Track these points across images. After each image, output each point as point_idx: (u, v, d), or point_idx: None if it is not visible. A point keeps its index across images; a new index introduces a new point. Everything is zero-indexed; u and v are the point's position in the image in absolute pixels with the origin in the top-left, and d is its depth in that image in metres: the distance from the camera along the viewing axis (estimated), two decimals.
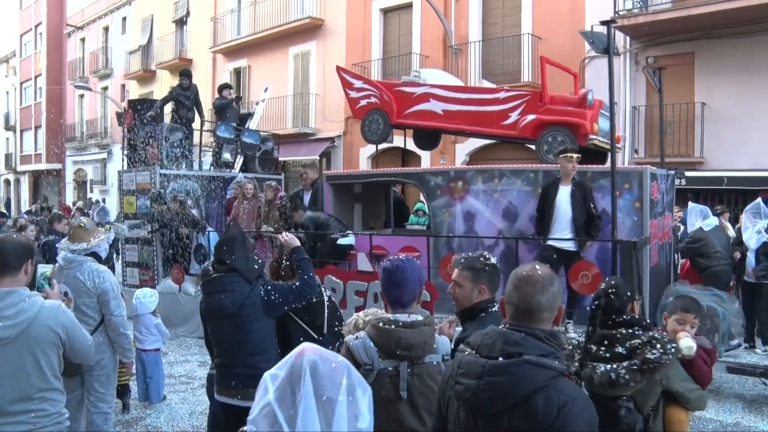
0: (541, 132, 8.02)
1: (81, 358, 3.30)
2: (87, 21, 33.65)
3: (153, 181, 10.35)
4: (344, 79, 10.40)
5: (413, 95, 9.29)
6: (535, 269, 2.11)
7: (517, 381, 1.94)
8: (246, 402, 3.81)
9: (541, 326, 2.05)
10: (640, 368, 2.79)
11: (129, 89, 30.12)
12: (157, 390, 6.49)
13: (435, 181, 7.93)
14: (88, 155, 33.50)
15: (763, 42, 11.42)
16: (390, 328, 2.69)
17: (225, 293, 3.80)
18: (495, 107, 8.52)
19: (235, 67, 23.09)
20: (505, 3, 15.56)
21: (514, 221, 7.34)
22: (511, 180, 7.37)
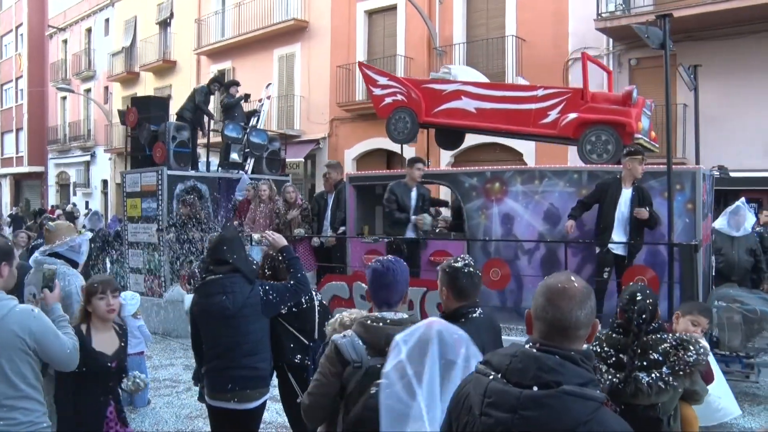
0: (584, 131, 7.67)
1: (58, 364, 3.23)
2: (69, 22, 33.37)
3: (160, 182, 9.93)
4: (367, 75, 9.94)
5: (443, 92, 8.89)
6: (572, 281, 1.87)
7: (557, 415, 1.69)
8: (242, 404, 3.78)
9: (575, 345, 1.83)
10: (684, 372, 2.79)
11: (112, 91, 29.91)
12: (142, 394, 6.44)
13: (470, 182, 7.61)
14: (71, 158, 33.24)
15: (744, 44, 11.56)
16: (378, 325, 2.72)
17: (226, 295, 3.77)
18: (532, 105, 8.15)
19: (220, 69, 22.97)
20: (489, 5, 15.63)
21: (556, 224, 7.05)
22: (553, 181, 7.10)
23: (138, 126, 10.63)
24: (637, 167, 6.33)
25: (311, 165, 19.29)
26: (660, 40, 6.07)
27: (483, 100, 8.52)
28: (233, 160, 11.24)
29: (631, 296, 3.07)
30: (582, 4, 13.49)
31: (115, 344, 3.73)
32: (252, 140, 11.38)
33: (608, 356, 2.98)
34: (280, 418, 5.73)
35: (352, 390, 2.69)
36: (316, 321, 4.20)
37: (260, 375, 3.87)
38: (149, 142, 10.42)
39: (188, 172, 10.50)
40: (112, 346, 3.69)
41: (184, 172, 10.39)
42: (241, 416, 3.83)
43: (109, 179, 30.24)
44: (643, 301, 2.99)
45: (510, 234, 7.30)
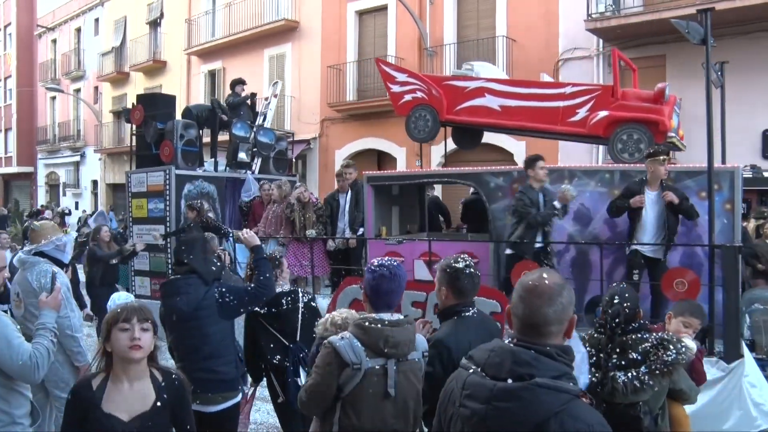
0: (615, 129, 7.43)
1: (15, 376, 3.12)
2: (58, 22, 33.18)
3: (168, 182, 9.62)
4: (385, 72, 9.62)
5: (466, 90, 8.59)
6: (542, 278, 1.93)
7: (529, 406, 1.76)
8: (206, 407, 3.74)
9: (549, 340, 1.89)
10: (661, 371, 2.80)
11: (102, 91, 29.76)
12: None
13: (496, 182, 7.41)
14: (61, 158, 33.06)
15: (731, 45, 11.62)
16: (377, 327, 2.73)
17: (180, 296, 3.75)
18: (560, 103, 7.90)
19: (210, 69, 22.92)
20: (479, 6, 15.65)
21: (587, 225, 6.85)
22: (583, 181, 6.90)
23: (144, 124, 10.27)
24: (660, 169, 6.09)
25: (302, 165, 19.25)
26: (701, 35, 5.83)
27: (508, 98, 8.27)
28: (241, 160, 10.92)
29: (610, 298, 3.10)
30: (572, 5, 13.53)
31: (145, 402, 2.63)
32: (259, 139, 11.10)
33: (590, 356, 3.00)
34: (271, 419, 5.72)
35: (350, 392, 2.70)
36: (299, 323, 4.20)
37: (221, 379, 3.80)
38: (156, 140, 10.10)
39: (196, 171, 10.19)
40: (135, 405, 2.61)
41: (192, 171, 10.07)
42: (207, 419, 3.80)
43: (99, 179, 30.08)
44: (619, 305, 3.04)
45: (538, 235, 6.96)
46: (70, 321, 4.28)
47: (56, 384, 4.27)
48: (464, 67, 9.56)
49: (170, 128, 9.99)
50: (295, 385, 4.01)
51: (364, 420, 2.72)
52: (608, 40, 13.14)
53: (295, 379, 4.06)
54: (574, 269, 6.84)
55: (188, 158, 10.06)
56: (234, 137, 10.78)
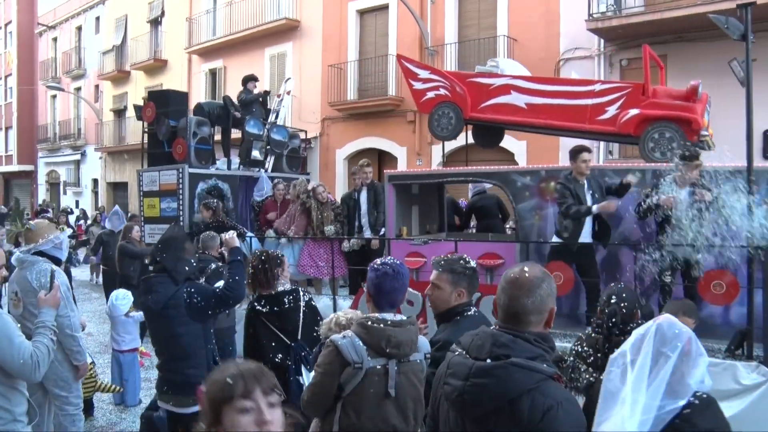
0: (646, 128, 7.24)
1: (14, 374, 3.13)
2: (59, 20, 33.19)
3: (181, 180, 9.41)
4: (407, 69, 9.33)
5: (491, 87, 8.39)
6: (523, 271, 2.07)
7: (503, 384, 1.91)
8: (179, 408, 3.75)
9: (528, 329, 2.02)
10: None
11: (103, 90, 29.78)
12: (133, 393, 6.43)
13: (523, 181, 7.21)
14: (61, 156, 33.07)
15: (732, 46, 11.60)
16: (380, 326, 2.74)
17: (150, 294, 3.77)
18: (589, 100, 7.71)
19: (211, 68, 22.93)
20: (480, 5, 15.66)
21: (617, 225, 6.65)
22: (614, 180, 6.71)
23: (156, 121, 10.06)
24: (693, 173, 5.87)
25: (302, 164, 19.26)
26: (741, 31, 5.73)
27: (534, 95, 8.09)
28: (255, 158, 10.70)
29: (607, 298, 3.11)
30: (573, 4, 13.54)
31: None
32: (273, 137, 10.89)
33: (588, 356, 3.03)
34: None
35: (351, 392, 2.70)
36: (300, 321, 4.20)
37: (191, 382, 3.71)
38: (168, 138, 9.90)
39: (210, 170, 10.00)
40: None
41: (206, 170, 9.88)
42: (185, 419, 3.78)
43: (99, 178, 30.11)
44: (615, 305, 3.05)
45: None
46: (69, 320, 4.28)
47: (55, 383, 4.28)
48: (489, 64, 9.38)
49: (183, 126, 9.80)
50: (297, 384, 4.00)
51: (364, 420, 2.72)
52: (609, 40, 13.15)
53: (297, 377, 4.06)
54: (603, 271, 6.62)
55: (201, 156, 9.88)
56: (247, 135, 10.54)
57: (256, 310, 4.18)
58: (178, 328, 3.76)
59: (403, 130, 16.71)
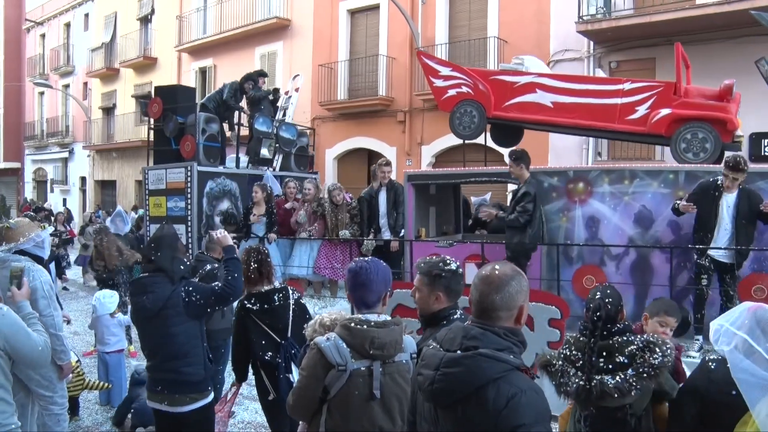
0: (678, 128, 7.07)
1: (30, 363, 3.16)
2: (47, 16, 32.93)
3: (189, 179, 9.14)
4: (427, 65, 9.08)
5: (515, 85, 8.20)
6: (494, 268, 2.17)
7: (470, 372, 2.01)
8: (174, 408, 3.74)
9: (498, 324, 2.12)
10: (648, 374, 2.81)
11: (92, 87, 29.58)
12: (119, 393, 6.39)
13: (550, 182, 7.09)
14: (49, 154, 32.83)
15: (720, 49, 11.71)
16: (363, 328, 2.72)
17: (146, 294, 3.73)
18: (618, 100, 7.53)
19: (201, 66, 22.83)
20: (471, 6, 15.68)
21: (648, 227, 6.52)
22: (645, 181, 6.58)
23: (163, 118, 9.77)
24: (738, 178, 5.78)
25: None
26: None
27: (561, 94, 7.89)
28: (263, 156, 10.47)
29: (592, 297, 3.10)
30: (563, 6, 13.59)
31: None
32: (281, 135, 10.63)
33: (576, 359, 3.01)
34: (259, 418, 5.71)
35: (336, 394, 2.69)
36: (290, 319, 4.20)
37: (188, 380, 3.78)
38: (176, 135, 9.66)
39: (218, 168, 9.73)
40: None
41: (214, 168, 9.61)
42: (176, 419, 3.79)
43: (87, 176, 29.91)
44: (600, 299, 3.02)
45: (595, 238, 6.71)
46: (53, 319, 4.21)
47: (39, 383, 4.20)
48: (513, 62, 9.24)
49: (192, 122, 9.53)
50: (287, 381, 4.01)
51: (350, 422, 2.71)
52: (599, 43, 13.21)
53: (287, 375, 4.06)
54: (634, 274, 6.52)
55: (210, 154, 9.61)
56: (256, 132, 10.28)
57: (246, 308, 4.17)
58: (175, 327, 3.74)
59: (393, 131, 16.71)
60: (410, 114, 16.47)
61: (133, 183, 26.99)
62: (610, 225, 6.66)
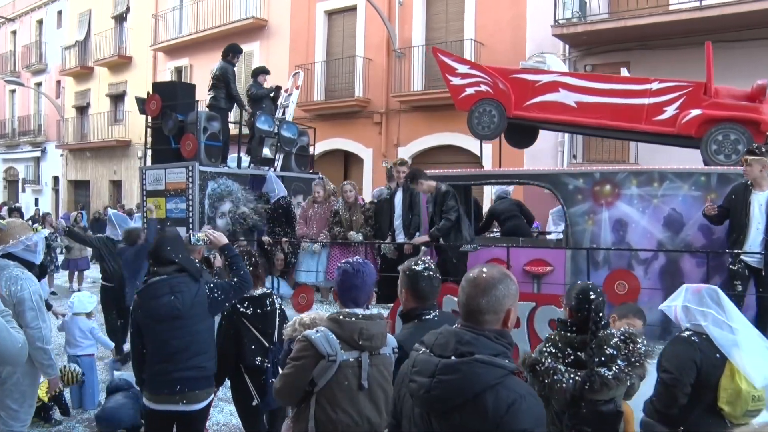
0: (708, 129, 6.87)
1: (9, 361, 3.08)
2: (19, 13, 32.39)
3: (191, 179, 8.78)
4: (444, 63, 8.68)
5: (537, 84, 7.92)
6: (482, 271, 2.14)
7: (468, 379, 1.99)
8: (191, 406, 3.77)
9: (486, 327, 2.10)
10: (639, 362, 2.91)
11: (65, 85, 29.17)
12: (92, 396, 6.32)
13: (575, 184, 6.80)
14: (20, 153, 32.30)
15: (692, 53, 11.87)
16: (351, 320, 2.82)
17: (174, 294, 3.73)
18: (645, 100, 7.30)
19: (177, 66, 22.64)
20: (448, 8, 15.76)
21: (678, 231, 6.32)
22: (675, 184, 6.37)
23: (162, 115, 9.37)
24: (755, 167, 5.65)
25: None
26: None
27: (585, 93, 7.65)
28: (266, 156, 10.11)
29: (584, 295, 3.11)
30: (539, 10, 13.72)
31: None
32: (283, 134, 10.24)
33: (566, 356, 3.03)
34: (234, 420, 5.68)
35: (325, 385, 2.77)
36: (277, 324, 4.22)
37: (207, 375, 3.87)
38: (176, 133, 9.27)
39: (221, 168, 9.37)
40: None
41: (217, 168, 9.23)
42: (188, 418, 3.81)
43: (60, 176, 29.49)
44: (597, 299, 3.07)
45: (622, 242, 6.52)
46: (41, 332, 3.96)
47: (10, 394, 3.95)
48: (535, 60, 8.98)
49: (192, 120, 9.16)
50: None
51: (339, 412, 2.78)
52: (574, 46, 13.36)
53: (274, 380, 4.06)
54: (662, 279, 6.34)
55: (212, 153, 9.23)
56: (258, 131, 9.93)
57: (239, 311, 4.16)
58: (199, 324, 3.81)
59: (370, 132, 16.73)
60: (387, 115, 16.50)
61: (107, 183, 26.68)
62: (638, 228, 6.48)
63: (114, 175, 26.21)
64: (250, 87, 10.52)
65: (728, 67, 10.36)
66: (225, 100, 9.84)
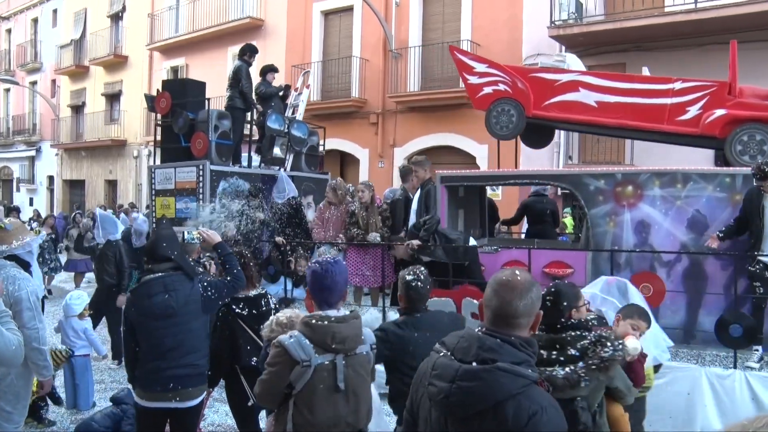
0: (733, 130, 6.80)
1: (4, 362, 3.10)
2: (14, 11, 32.29)
3: (201, 178, 8.65)
4: (461, 61, 8.55)
5: (556, 83, 7.83)
6: (515, 274, 2.14)
7: (489, 387, 1.96)
8: (184, 403, 3.78)
9: (517, 332, 2.08)
10: (598, 366, 2.86)
11: (60, 84, 29.09)
12: (86, 397, 6.30)
13: (596, 184, 6.70)
14: (15, 152, 32.18)
15: (688, 55, 11.93)
16: (324, 323, 2.83)
17: (168, 293, 3.74)
18: (668, 99, 7.23)
19: (173, 65, 22.60)
20: (445, 10, 15.77)
21: (702, 233, 6.22)
22: (700, 185, 6.26)
23: (172, 113, 9.25)
24: None
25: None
26: None
27: (605, 93, 7.57)
28: (276, 156, 9.94)
29: (551, 295, 3.15)
30: (536, 11, 13.74)
31: None
32: (293, 133, 10.17)
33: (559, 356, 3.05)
34: (229, 420, 5.67)
35: (302, 388, 2.78)
36: None
37: (200, 372, 3.89)
38: (186, 132, 9.14)
39: (232, 167, 9.25)
40: None
41: (228, 167, 9.11)
42: (182, 415, 3.82)
43: (55, 175, 29.40)
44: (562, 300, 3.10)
45: (645, 244, 6.44)
46: (38, 332, 3.91)
47: (4, 396, 3.90)
48: (555, 59, 8.90)
49: (203, 118, 9.06)
50: None
51: (317, 415, 2.80)
52: (570, 47, 13.36)
53: None
54: (687, 281, 6.29)
55: (222, 152, 9.11)
56: (269, 130, 9.80)
57: (235, 312, 4.18)
58: (194, 322, 3.83)
59: (366, 132, 16.72)
60: (383, 116, 16.50)
61: (102, 182, 26.61)
62: (661, 230, 6.40)
63: (109, 174, 26.15)
64: (259, 85, 10.37)
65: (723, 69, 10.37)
66: (240, 99, 9.76)
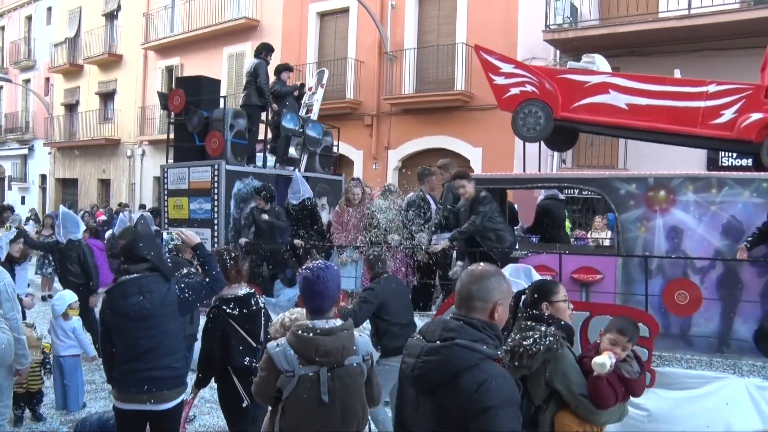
0: None
1: None
2: (7, 8, 32.14)
3: (216, 179, 8.43)
4: (487, 62, 8.33)
5: (586, 85, 7.67)
6: (479, 266, 2.46)
7: (447, 361, 2.24)
8: (159, 405, 3.73)
9: (477, 315, 2.35)
10: (512, 351, 3.00)
11: (54, 83, 28.96)
12: (76, 397, 6.25)
13: (627, 189, 6.58)
14: (7, 150, 32.02)
15: (682, 60, 11.97)
16: (308, 336, 2.79)
17: (143, 294, 3.69)
18: (701, 103, 7.10)
19: (168, 65, 22.55)
20: (440, 12, 15.79)
21: (737, 239, 6.06)
22: (735, 190, 6.13)
23: (186, 111, 9.05)
24: None
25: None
26: None
27: (637, 95, 7.41)
28: (292, 156, 9.76)
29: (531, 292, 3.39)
30: (531, 15, 13.77)
31: None
32: (308, 133, 9.99)
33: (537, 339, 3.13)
34: (221, 422, 5.64)
35: (288, 396, 2.78)
36: (262, 324, 4.23)
37: (177, 374, 3.85)
38: (201, 130, 8.95)
39: (248, 167, 9.04)
40: None
41: (244, 167, 8.90)
42: (157, 417, 3.78)
43: (48, 174, 29.27)
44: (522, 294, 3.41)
45: (677, 250, 6.30)
46: (17, 322, 4.06)
47: None
48: (584, 60, 8.75)
49: (218, 117, 8.86)
50: None
51: (301, 424, 2.78)
52: (565, 51, 13.41)
53: None
54: (720, 289, 6.18)
55: (238, 152, 8.89)
56: (284, 130, 9.61)
57: (226, 313, 4.13)
58: (169, 324, 3.77)
59: (360, 134, 16.71)
60: (377, 118, 16.50)
61: (95, 182, 26.52)
62: (694, 236, 6.26)
63: (102, 173, 26.06)
64: (273, 84, 10.13)
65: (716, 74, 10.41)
66: (257, 96, 9.57)
